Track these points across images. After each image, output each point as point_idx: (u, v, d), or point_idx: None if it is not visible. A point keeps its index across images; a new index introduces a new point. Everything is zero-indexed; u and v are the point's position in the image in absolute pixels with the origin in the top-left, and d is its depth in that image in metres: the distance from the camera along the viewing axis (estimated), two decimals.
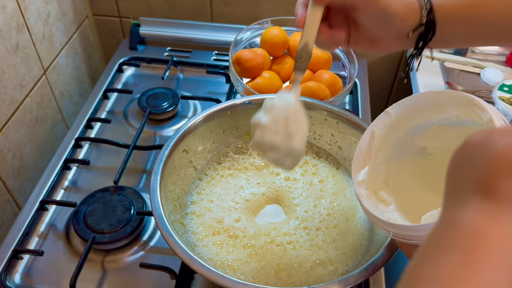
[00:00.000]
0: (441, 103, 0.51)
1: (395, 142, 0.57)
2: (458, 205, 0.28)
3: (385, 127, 0.56)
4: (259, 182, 0.75)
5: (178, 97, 1.00)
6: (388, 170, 0.58)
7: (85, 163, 0.89)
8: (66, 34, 1.11)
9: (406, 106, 0.54)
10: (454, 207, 0.28)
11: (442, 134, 0.53)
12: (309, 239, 0.67)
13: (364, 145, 0.56)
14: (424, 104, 0.53)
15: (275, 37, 0.93)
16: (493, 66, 1.08)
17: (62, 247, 0.77)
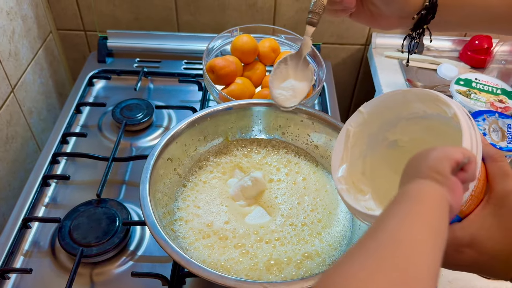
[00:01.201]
0: (408, 100, 0.54)
1: (369, 138, 0.60)
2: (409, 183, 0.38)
3: (359, 125, 0.59)
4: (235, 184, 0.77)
5: (152, 107, 1.02)
6: (364, 163, 0.61)
7: (65, 178, 0.88)
8: (31, 50, 1.10)
9: (377, 104, 0.58)
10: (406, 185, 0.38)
11: (410, 127, 0.57)
12: (296, 235, 0.70)
13: (341, 143, 0.59)
14: (393, 101, 0.56)
15: (245, 44, 0.96)
16: (448, 61, 1.16)
17: (48, 264, 0.77)
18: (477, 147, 0.43)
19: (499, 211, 0.43)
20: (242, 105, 0.79)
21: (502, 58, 1.13)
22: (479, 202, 0.44)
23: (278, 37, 1.04)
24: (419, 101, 0.53)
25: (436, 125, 0.53)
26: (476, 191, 0.44)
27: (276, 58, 1.00)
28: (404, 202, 0.36)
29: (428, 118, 0.54)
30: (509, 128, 0.91)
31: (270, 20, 1.18)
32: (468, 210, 0.44)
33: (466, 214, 0.44)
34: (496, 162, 0.45)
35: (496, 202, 0.43)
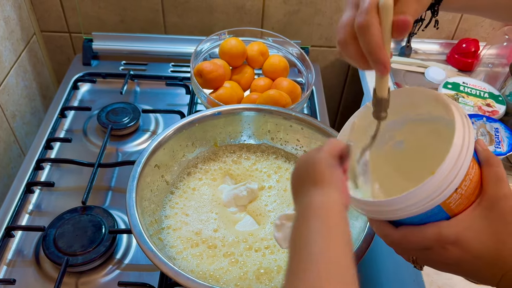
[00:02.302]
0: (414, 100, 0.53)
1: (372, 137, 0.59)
2: (306, 196, 0.43)
3: (365, 119, 0.58)
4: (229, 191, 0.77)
5: (139, 111, 1.00)
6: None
7: (49, 185, 0.86)
8: (14, 53, 1.08)
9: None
10: (301, 198, 0.43)
11: (416, 129, 0.56)
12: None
13: (345, 135, 0.58)
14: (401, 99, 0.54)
15: (234, 48, 0.95)
16: (436, 65, 1.16)
17: (33, 274, 0.75)
18: (468, 147, 0.43)
19: (489, 214, 0.43)
20: (230, 110, 0.78)
21: (489, 61, 1.13)
22: (470, 203, 0.45)
23: (266, 40, 1.03)
24: (424, 100, 0.52)
25: (441, 128, 0.52)
26: (467, 191, 0.44)
27: (265, 62, 0.99)
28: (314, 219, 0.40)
29: (434, 121, 0.54)
30: (497, 132, 0.91)
31: (258, 22, 1.17)
32: (457, 209, 0.44)
33: (455, 213, 0.45)
34: (492, 167, 0.45)
35: (487, 205, 0.44)
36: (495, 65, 1.13)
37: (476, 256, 0.43)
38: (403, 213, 0.44)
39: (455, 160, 0.42)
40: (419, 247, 0.46)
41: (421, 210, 0.43)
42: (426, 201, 0.43)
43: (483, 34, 1.20)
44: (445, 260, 0.45)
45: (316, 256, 0.37)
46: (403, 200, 0.43)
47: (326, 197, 0.42)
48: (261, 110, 0.79)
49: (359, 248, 0.61)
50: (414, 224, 0.46)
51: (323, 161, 0.44)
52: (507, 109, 0.99)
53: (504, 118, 0.99)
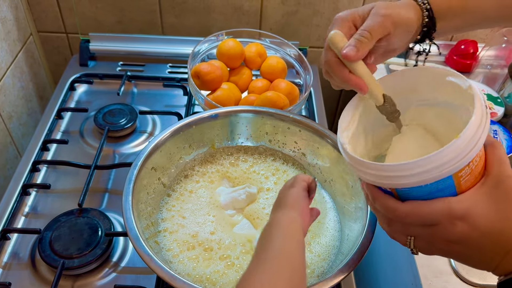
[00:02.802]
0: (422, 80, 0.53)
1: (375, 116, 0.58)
2: (276, 213, 0.54)
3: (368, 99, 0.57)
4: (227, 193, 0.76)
5: (136, 113, 0.99)
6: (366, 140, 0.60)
7: (45, 187, 0.86)
8: (11, 54, 1.07)
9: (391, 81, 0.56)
10: (273, 215, 0.55)
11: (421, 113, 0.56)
12: None
13: (350, 110, 0.57)
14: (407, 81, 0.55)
15: (232, 49, 0.95)
16: (434, 66, 1.15)
17: (28, 277, 0.74)
18: (486, 120, 0.44)
19: (494, 192, 0.45)
20: (227, 112, 0.78)
21: (488, 62, 1.13)
22: (476, 182, 0.46)
23: (264, 41, 1.03)
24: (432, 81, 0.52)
25: (445, 113, 0.53)
26: (476, 169, 0.45)
27: (263, 63, 0.99)
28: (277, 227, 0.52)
29: (438, 106, 0.54)
30: (495, 134, 0.91)
31: (256, 23, 1.16)
32: (465, 186, 0.45)
33: (463, 191, 0.45)
34: (496, 149, 0.47)
35: (493, 184, 0.45)
36: (494, 67, 1.13)
37: (483, 233, 0.44)
38: (420, 178, 0.44)
39: (476, 128, 0.43)
40: (425, 222, 0.46)
41: (437, 177, 0.43)
42: (444, 167, 0.43)
43: (482, 36, 1.20)
44: (450, 237, 0.45)
45: (274, 253, 0.47)
46: (423, 164, 0.43)
47: (289, 217, 0.53)
48: (258, 112, 0.78)
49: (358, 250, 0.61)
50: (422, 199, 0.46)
51: (294, 191, 0.57)
52: (505, 111, 0.99)
53: (503, 120, 0.99)
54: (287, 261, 0.47)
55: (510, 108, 0.99)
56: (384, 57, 0.61)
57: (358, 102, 0.57)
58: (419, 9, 0.58)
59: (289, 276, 0.45)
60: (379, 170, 0.47)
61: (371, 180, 0.49)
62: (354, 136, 0.57)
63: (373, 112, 0.58)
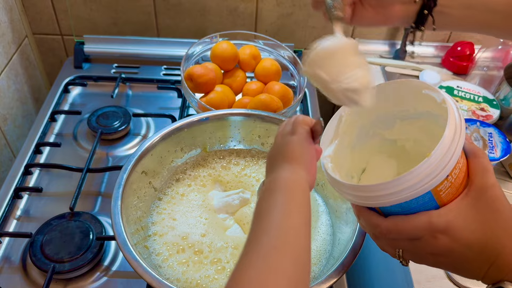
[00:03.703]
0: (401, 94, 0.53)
1: (360, 130, 0.59)
2: (275, 172, 0.46)
3: (351, 113, 0.58)
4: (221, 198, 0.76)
5: (130, 115, 0.99)
6: (352, 153, 0.60)
7: (38, 190, 0.85)
8: (5, 56, 1.07)
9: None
10: (271, 173, 0.46)
11: (406, 127, 0.56)
12: None
13: (333, 126, 0.57)
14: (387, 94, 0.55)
15: (225, 52, 0.94)
16: (430, 68, 1.15)
17: (19, 281, 0.74)
18: (461, 132, 0.44)
19: (477, 203, 0.44)
20: (218, 115, 0.77)
21: (484, 64, 1.12)
22: (458, 193, 0.45)
23: (258, 43, 1.03)
24: (410, 93, 0.52)
25: (428, 125, 0.53)
26: (457, 181, 0.44)
27: (257, 65, 0.98)
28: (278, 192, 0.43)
29: (420, 119, 0.54)
30: (491, 137, 0.90)
31: (252, 25, 1.16)
32: (447, 199, 0.45)
33: (444, 203, 0.45)
34: (478, 158, 0.46)
35: (475, 195, 0.44)
36: (490, 68, 1.12)
37: (465, 245, 0.44)
38: (397, 197, 0.44)
39: (450, 143, 0.43)
40: (408, 237, 0.46)
41: (414, 194, 0.43)
42: (420, 184, 0.43)
43: (479, 37, 1.19)
44: (434, 250, 0.45)
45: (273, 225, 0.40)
46: (398, 184, 0.43)
47: (293, 173, 0.45)
48: (250, 115, 0.78)
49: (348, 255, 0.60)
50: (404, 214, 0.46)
51: (296, 140, 0.47)
52: (501, 113, 0.98)
53: (498, 123, 0.98)
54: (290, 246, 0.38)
55: (506, 110, 0.98)
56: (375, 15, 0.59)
57: (340, 117, 0.57)
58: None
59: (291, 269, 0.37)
60: (356, 190, 0.47)
61: (351, 200, 0.49)
62: (338, 151, 0.57)
63: (357, 125, 0.58)
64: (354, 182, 0.59)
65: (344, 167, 0.58)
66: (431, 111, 0.51)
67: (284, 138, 0.49)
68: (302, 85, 0.94)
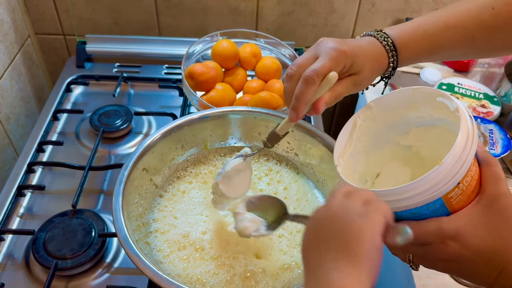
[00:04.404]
0: (416, 100, 0.54)
1: (375, 136, 0.60)
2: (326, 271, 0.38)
3: (366, 119, 0.59)
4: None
5: (131, 114, 1.00)
6: (366, 159, 0.61)
7: (40, 188, 0.86)
8: (8, 55, 1.08)
9: (386, 102, 0.57)
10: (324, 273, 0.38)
11: (422, 134, 0.57)
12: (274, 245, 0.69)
13: (347, 131, 0.58)
14: (402, 100, 0.56)
15: (226, 50, 0.95)
16: (431, 66, 1.15)
17: (22, 277, 0.75)
18: (473, 141, 0.44)
19: (488, 211, 0.44)
20: (218, 113, 0.78)
21: (485, 62, 1.12)
22: (469, 201, 0.46)
23: (259, 41, 1.03)
24: (426, 100, 0.53)
25: (443, 132, 0.54)
26: (468, 188, 0.45)
27: (257, 63, 0.99)
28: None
29: (436, 125, 0.55)
30: (491, 133, 0.91)
31: (253, 24, 1.17)
32: (458, 206, 0.45)
33: (455, 210, 0.45)
34: (491, 167, 0.47)
35: (486, 203, 0.45)
36: (491, 66, 1.12)
37: (475, 252, 0.44)
38: (408, 202, 0.45)
39: (461, 151, 0.43)
40: (419, 242, 0.47)
41: (425, 200, 0.44)
42: (431, 191, 0.43)
43: None
44: (444, 256, 0.45)
45: None
46: (410, 189, 0.44)
47: (353, 281, 0.37)
48: (250, 112, 0.78)
49: None
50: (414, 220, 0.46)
51: (368, 229, 0.38)
52: (502, 110, 0.98)
53: (499, 119, 0.99)
54: None
55: (507, 107, 0.98)
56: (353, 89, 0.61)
57: (354, 122, 0.59)
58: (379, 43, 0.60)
59: None
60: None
61: None
62: (352, 156, 0.58)
63: (373, 131, 0.59)
64: (368, 186, 0.59)
65: (357, 171, 0.59)
66: (446, 118, 0.52)
67: (349, 218, 0.40)
68: None
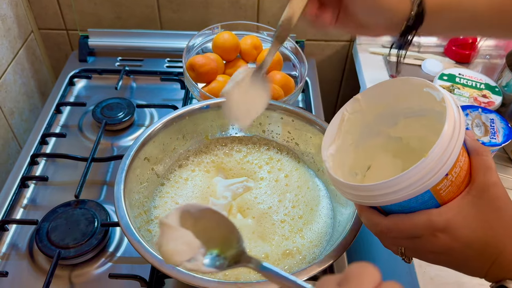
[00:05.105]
0: (404, 91, 0.53)
1: (364, 128, 0.59)
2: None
3: (354, 112, 0.58)
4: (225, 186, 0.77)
5: (134, 106, 1.00)
6: (356, 153, 0.61)
7: (43, 179, 0.87)
8: (11, 50, 1.09)
9: (373, 93, 0.56)
10: None
11: (411, 125, 0.56)
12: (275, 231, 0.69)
13: (335, 124, 0.57)
14: (390, 92, 0.55)
15: (227, 42, 0.95)
16: (433, 57, 1.15)
17: (26, 267, 0.76)
18: (460, 130, 0.44)
19: (478, 201, 0.44)
20: (219, 103, 0.78)
21: (487, 52, 1.12)
22: (459, 192, 0.45)
23: (262, 34, 1.03)
24: (413, 91, 0.52)
25: (432, 122, 0.53)
26: (457, 179, 0.44)
27: (258, 55, 0.99)
28: None
29: (425, 116, 0.54)
30: (492, 123, 0.90)
31: (254, 17, 1.17)
32: (447, 197, 0.45)
33: (445, 201, 0.45)
34: (481, 156, 0.46)
35: (476, 193, 0.44)
36: (493, 57, 1.12)
37: (465, 243, 0.44)
38: (395, 196, 0.44)
39: (448, 142, 0.43)
40: (409, 236, 0.46)
41: (413, 194, 0.43)
42: (418, 184, 0.43)
43: None
44: (435, 249, 0.45)
45: None
46: (395, 183, 0.43)
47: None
48: None
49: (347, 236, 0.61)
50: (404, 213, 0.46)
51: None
52: (503, 100, 0.98)
53: (501, 109, 0.98)
54: None
55: (508, 97, 0.98)
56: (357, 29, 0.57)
57: (342, 116, 0.58)
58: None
59: None
60: (355, 190, 0.48)
61: (352, 199, 0.50)
62: (341, 149, 0.57)
63: (361, 124, 0.59)
64: (358, 179, 0.59)
65: (347, 164, 0.59)
66: (435, 108, 0.51)
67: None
68: (303, 74, 0.95)
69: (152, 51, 1.16)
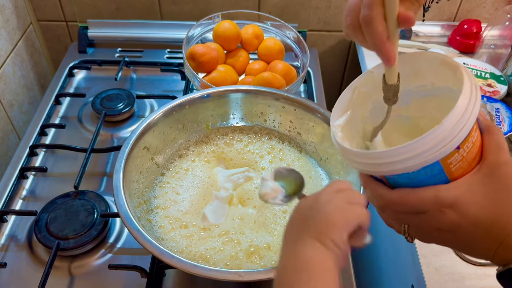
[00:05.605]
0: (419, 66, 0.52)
1: (374, 105, 0.58)
2: (300, 244, 0.44)
3: (366, 86, 0.56)
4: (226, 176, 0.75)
5: (134, 97, 0.99)
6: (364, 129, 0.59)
7: (42, 170, 0.86)
8: (10, 42, 1.08)
9: None
10: (298, 246, 0.44)
11: (423, 105, 0.55)
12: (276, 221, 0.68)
13: (346, 97, 0.55)
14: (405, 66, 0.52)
15: (227, 31, 0.94)
16: (437, 47, 1.14)
17: (25, 258, 0.75)
18: (474, 105, 0.42)
19: (488, 180, 0.43)
20: (219, 92, 0.77)
21: (491, 42, 1.10)
22: (470, 169, 0.44)
23: (265, 24, 1.02)
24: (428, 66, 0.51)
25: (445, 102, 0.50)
26: (469, 155, 0.43)
27: (260, 45, 0.98)
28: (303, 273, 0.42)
29: (438, 95, 0.52)
30: (498, 112, 0.89)
31: (255, 7, 1.15)
32: (457, 173, 0.44)
33: (455, 178, 0.44)
34: (493, 135, 0.45)
35: (487, 171, 0.43)
36: (498, 46, 1.10)
37: (473, 222, 0.42)
38: (404, 165, 0.43)
39: (463, 112, 0.41)
40: (414, 211, 0.45)
41: (422, 163, 0.42)
42: (428, 153, 0.41)
43: (486, 15, 1.17)
44: (440, 226, 0.44)
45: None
46: (407, 150, 0.42)
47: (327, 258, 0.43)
48: (251, 91, 0.78)
49: None
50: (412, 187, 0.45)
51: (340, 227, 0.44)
52: (508, 89, 0.97)
53: (506, 99, 0.97)
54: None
55: None
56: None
57: (354, 89, 0.56)
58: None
59: None
60: (363, 157, 0.46)
61: (359, 168, 0.48)
62: (349, 123, 0.56)
63: (371, 100, 0.57)
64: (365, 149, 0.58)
65: (355, 139, 0.57)
66: (450, 86, 0.49)
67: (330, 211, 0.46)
68: (305, 64, 0.94)
69: (152, 41, 1.15)
